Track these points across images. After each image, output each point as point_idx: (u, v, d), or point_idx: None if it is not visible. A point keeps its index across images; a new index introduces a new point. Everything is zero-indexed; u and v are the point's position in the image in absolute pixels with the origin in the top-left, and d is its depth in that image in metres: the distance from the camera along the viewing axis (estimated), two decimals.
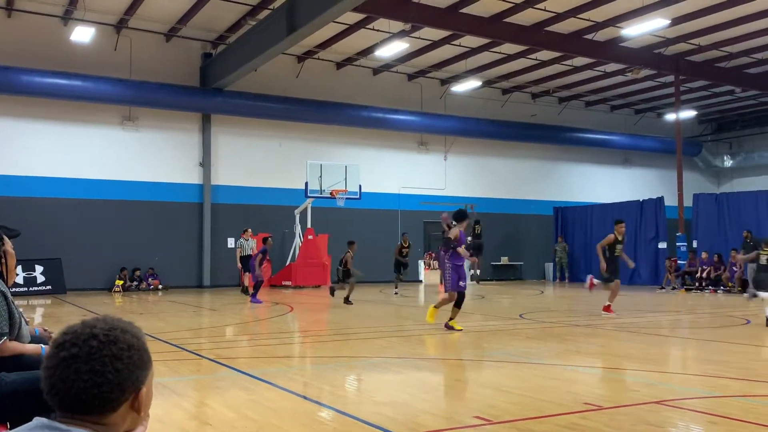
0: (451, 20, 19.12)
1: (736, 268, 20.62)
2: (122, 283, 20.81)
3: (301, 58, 23.69)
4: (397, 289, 19.56)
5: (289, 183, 23.55)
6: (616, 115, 30.97)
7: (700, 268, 21.65)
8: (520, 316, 13.54)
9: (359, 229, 24.65)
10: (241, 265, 18.80)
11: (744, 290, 19.87)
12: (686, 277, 22.26)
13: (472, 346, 9.71)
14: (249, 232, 19.03)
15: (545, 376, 7.12)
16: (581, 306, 16.79)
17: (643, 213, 24.76)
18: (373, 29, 20.43)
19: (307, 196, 21.88)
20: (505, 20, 19.58)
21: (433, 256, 24.67)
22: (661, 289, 22.21)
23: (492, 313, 13.86)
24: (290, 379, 6.85)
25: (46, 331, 4.46)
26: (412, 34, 20.56)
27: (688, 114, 28.68)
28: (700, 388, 6.49)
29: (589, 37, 20.99)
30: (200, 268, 22.63)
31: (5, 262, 3.90)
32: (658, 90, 27.65)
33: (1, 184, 19.97)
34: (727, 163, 33.03)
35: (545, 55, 22.94)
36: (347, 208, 23.28)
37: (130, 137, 21.80)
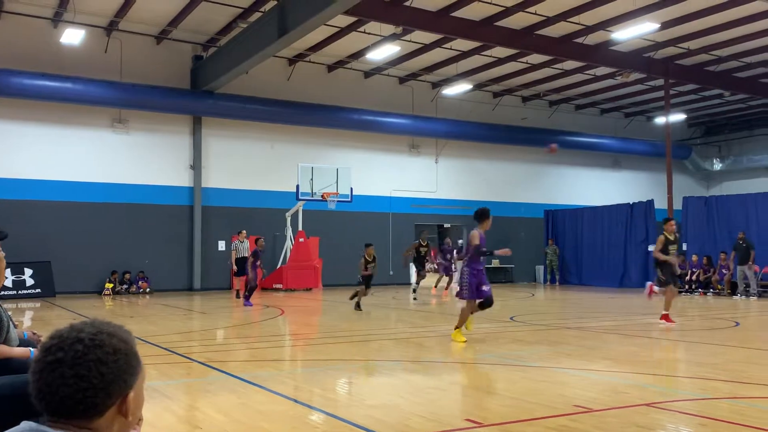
0: (442, 24, 19.16)
1: (725, 271, 20.74)
2: (112, 287, 20.71)
3: (292, 61, 23.68)
4: (416, 293, 18.33)
5: (280, 186, 23.52)
6: (606, 118, 31.10)
7: (690, 271, 21.75)
8: (511, 318, 13.57)
9: (350, 232, 24.67)
10: (237, 267, 18.59)
11: (733, 293, 20.00)
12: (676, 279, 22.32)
13: (464, 349, 9.73)
14: (243, 233, 18.85)
15: (536, 379, 7.13)
16: (572, 308, 16.84)
17: (633, 216, 24.86)
18: (365, 32, 20.45)
19: (299, 199, 21.85)
20: (496, 24, 19.64)
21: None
22: None
23: (483, 316, 13.88)
24: (281, 383, 6.84)
25: (35, 334, 4.44)
26: (403, 38, 20.59)
27: (677, 117, 28.81)
28: (690, 391, 6.52)
29: (579, 40, 21.08)
30: (191, 271, 22.55)
31: None
32: (648, 93, 27.79)
33: None
34: (717, 166, 33.23)
35: (536, 58, 23.02)
36: (338, 210, 23.27)
37: (121, 140, 21.72)
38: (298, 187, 21.64)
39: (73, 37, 19.31)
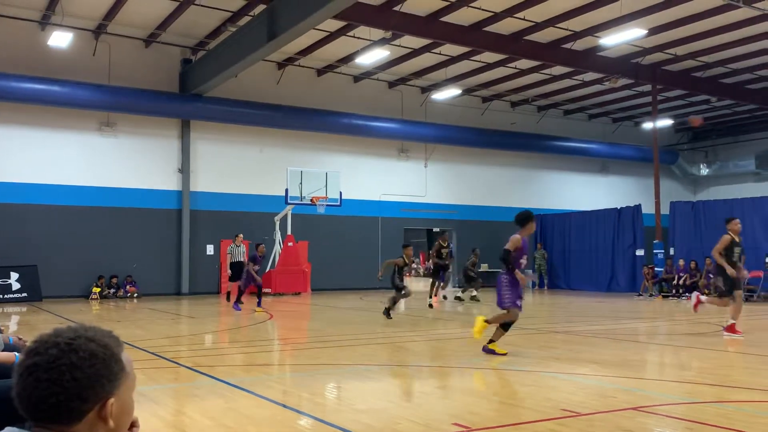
0: (432, 29, 19.22)
1: (712, 276, 20.85)
2: (99, 291, 20.59)
3: (281, 65, 23.67)
4: (431, 299, 17.36)
5: (269, 190, 23.48)
6: (594, 123, 31.27)
7: (677, 275, 21.88)
8: None
9: (339, 236, 24.67)
10: (231, 272, 18.26)
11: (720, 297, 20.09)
12: (663, 284, 22.48)
13: (452, 353, 9.74)
14: (240, 237, 18.51)
15: (524, 383, 7.15)
16: (560, 312, 16.90)
17: (621, 220, 25.00)
18: (354, 37, 20.47)
19: (288, 203, 21.82)
20: (485, 29, 19.72)
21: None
22: (639, 295, 22.41)
23: (472, 320, 13.88)
24: (269, 387, 6.82)
25: (20, 339, 4.41)
26: (393, 42, 20.63)
27: (664, 123, 29.02)
28: (677, 395, 6.56)
29: (568, 46, 21.20)
30: (179, 276, 22.45)
31: None
32: (636, 99, 27.97)
33: None
34: (703, 171, 33.47)
35: (524, 63, 23.12)
36: (328, 215, 23.26)
37: (108, 143, 21.62)
38: (287, 191, 21.62)
39: (60, 39, 19.22)
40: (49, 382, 1.43)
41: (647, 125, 29.47)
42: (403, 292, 13.86)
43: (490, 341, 8.91)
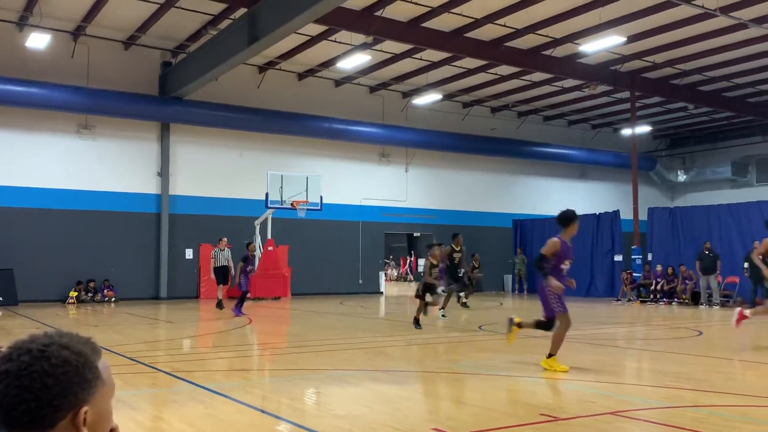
0: (413, 34, 19.27)
1: (688, 281, 21.10)
2: (77, 295, 20.35)
3: (262, 69, 23.59)
4: (443, 310, 15.22)
5: (249, 194, 23.36)
6: (573, 129, 31.51)
7: (655, 281, 22.10)
8: (480, 327, 13.63)
9: (320, 241, 24.60)
10: (215, 276, 18.09)
11: (696, 303, 20.36)
12: (641, 289, 22.68)
13: (431, 358, 9.75)
14: (224, 241, 18.33)
15: (503, 388, 7.18)
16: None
17: (600, 226, 25.21)
18: (336, 41, 20.47)
19: (268, 207, 21.73)
20: (466, 35, 19.81)
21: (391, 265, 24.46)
22: (617, 301, 22.59)
23: (452, 325, 13.92)
24: (248, 393, 6.78)
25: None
26: (374, 47, 20.65)
27: (643, 129, 29.31)
28: (655, 399, 6.62)
29: (548, 53, 21.35)
30: (157, 280, 22.25)
31: None
32: (615, 106, 28.22)
33: None
34: (681, 177, 33.84)
35: (504, 69, 23.24)
36: (308, 219, 23.20)
37: (87, 146, 21.40)
38: (267, 195, 21.53)
39: (38, 41, 19.00)
40: (20, 389, 1.41)
41: (626, 132, 29.74)
42: (437, 293, 13.25)
43: (550, 355, 8.07)
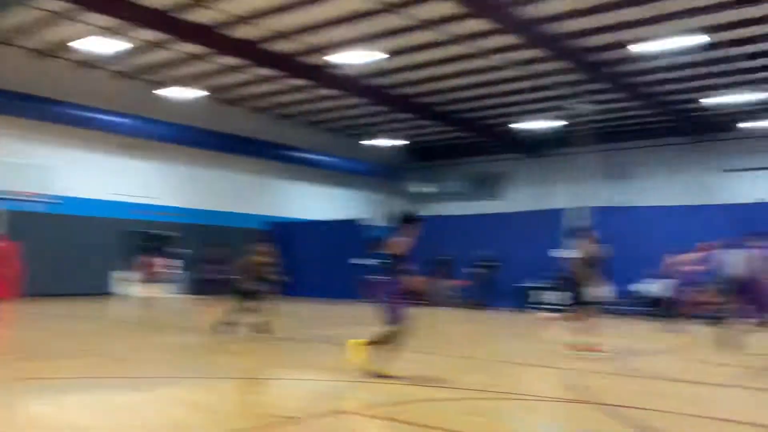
0: (165, 24, 18.42)
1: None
2: None
3: None
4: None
5: None
6: (332, 137, 32.28)
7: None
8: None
9: (62, 237, 22.49)
10: None
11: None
12: None
13: (165, 363, 9.34)
14: None
15: (239, 391, 7.09)
16: (287, 320, 17.13)
17: (350, 232, 26.09)
18: (84, 22, 18.86)
19: None
20: (223, 33, 19.41)
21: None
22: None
23: (185, 327, 13.51)
24: None
25: None
26: (127, 34, 19.41)
27: (394, 142, 31.05)
28: (384, 396, 6.95)
29: (304, 60, 21.65)
30: None
31: None
32: (369, 117, 29.46)
33: None
34: (425, 189, 36.29)
35: (265, 71, 23.17)
36: (49, 213, 21.13)
37: None
38: None
39: None
40: None
41: (378, 142, 31.30)
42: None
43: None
